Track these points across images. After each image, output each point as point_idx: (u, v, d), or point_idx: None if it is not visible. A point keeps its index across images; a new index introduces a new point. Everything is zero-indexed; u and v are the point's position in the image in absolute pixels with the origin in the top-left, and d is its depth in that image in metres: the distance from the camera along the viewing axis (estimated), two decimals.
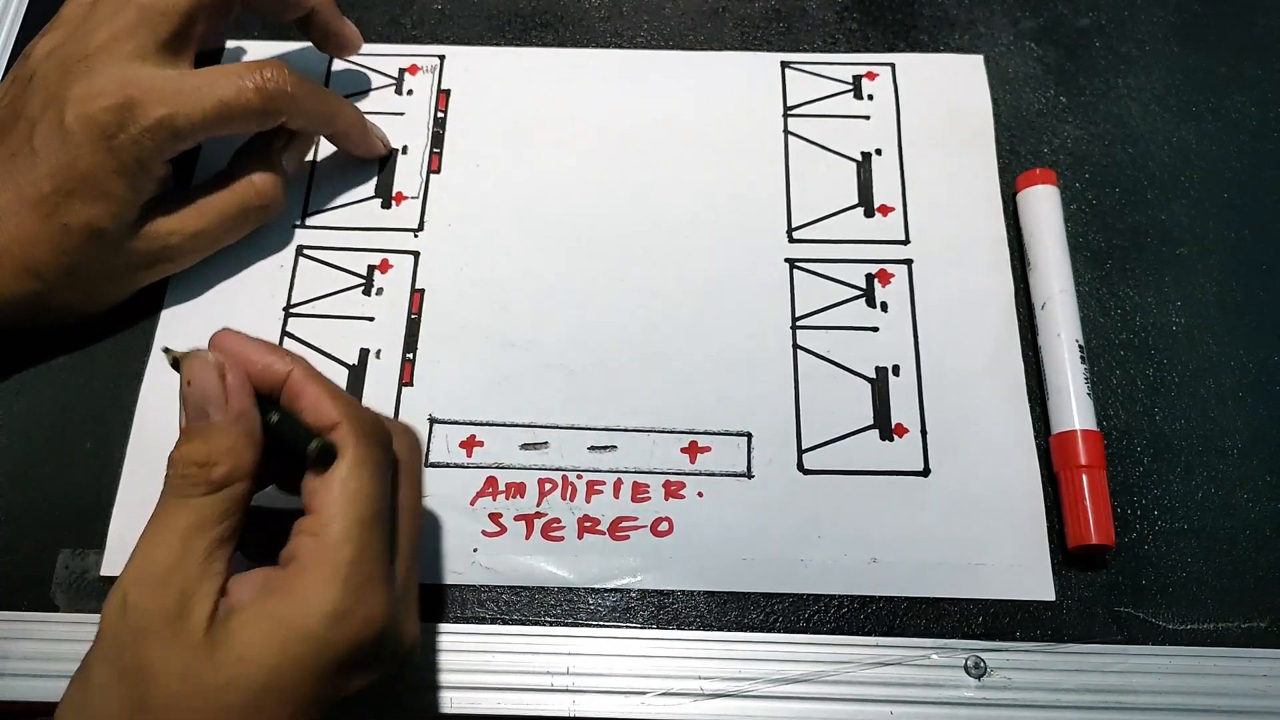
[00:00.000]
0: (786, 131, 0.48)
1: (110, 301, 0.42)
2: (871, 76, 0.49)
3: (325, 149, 0.47)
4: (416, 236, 0.45)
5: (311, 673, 0.29)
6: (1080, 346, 0.41)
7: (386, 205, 0.46)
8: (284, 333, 0.43)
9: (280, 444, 0.32)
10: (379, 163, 0.47)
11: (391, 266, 0.44)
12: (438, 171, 0.47)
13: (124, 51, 0.38)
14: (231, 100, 0.39)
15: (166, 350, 0.32)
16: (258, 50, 0.49)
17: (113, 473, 0.40)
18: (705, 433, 0.41)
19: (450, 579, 0.39)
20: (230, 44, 0.49)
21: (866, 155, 0.47)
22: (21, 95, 0.39)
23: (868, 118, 0.48)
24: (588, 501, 0.40)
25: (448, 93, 0.49)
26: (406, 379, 0.42)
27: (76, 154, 0.37)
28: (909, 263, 0.45)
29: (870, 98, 0.48)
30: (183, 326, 0.43)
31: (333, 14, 0.45)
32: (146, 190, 0.39)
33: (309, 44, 0.47)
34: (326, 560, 0.30)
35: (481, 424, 0.41)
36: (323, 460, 0.31)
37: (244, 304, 0.44)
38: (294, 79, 0.40)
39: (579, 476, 0.41)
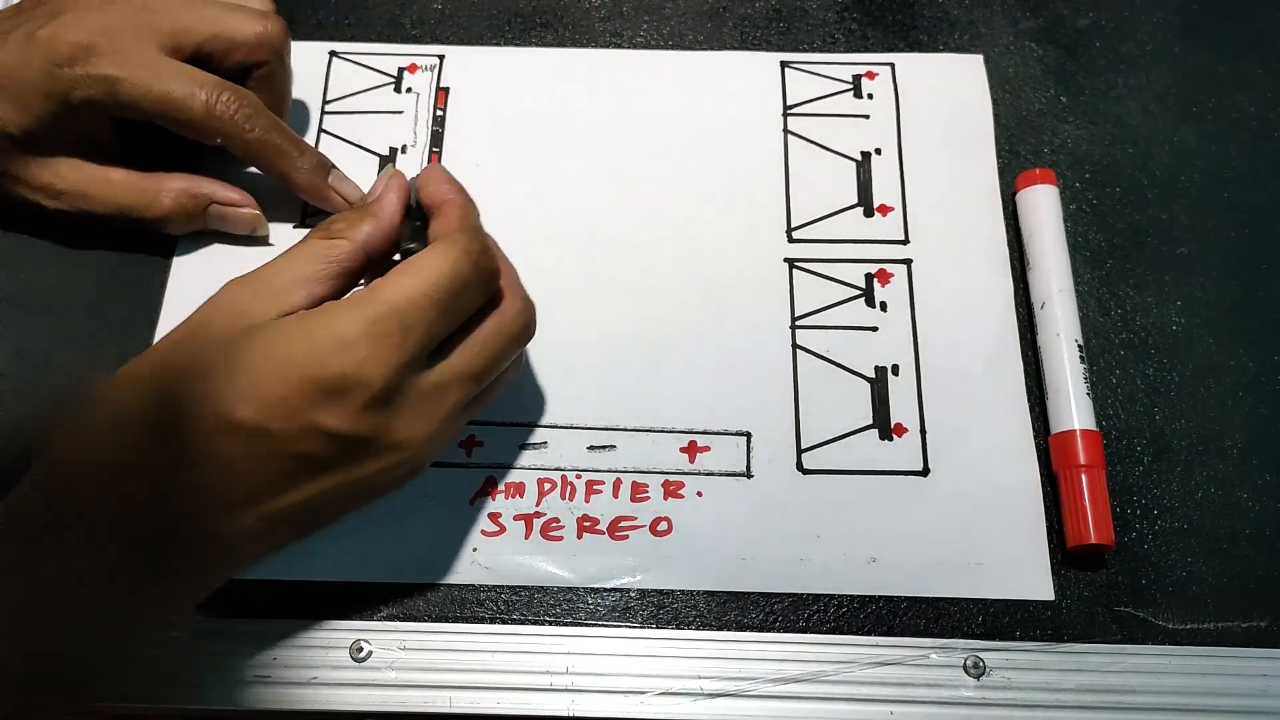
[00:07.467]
0: (786, 131, 0.48)
1: None
2: (871, 76, 0.49)
3: (323, 147, 0.47)
4: None
5: (298, 380, 0.31)
6: (1080, 346, 0.41)
7: None
8: None
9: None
10: (379, 162, 0.47)
11: None
12: None
13: (132, 24, 0.41)
14: (177, 100, 0.40)
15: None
16: None
17: None
18: (704, 432, 0.41)
19: (450, 579, 0.39)
20: None
21: (866, 155, 0.47)
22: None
23: (867, 117, 0.48)
24: (587, 501, 0.40)
25: (447, 91, 0.49)
26: None
27: (26, 60, 0.40)
28: (908, 262, 0.45)
29: (870, 97, 0.48)
30: None
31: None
32: (64, 128, 0.41)
33: (313, 43, 0.47)
34: (366, 300, 0.32)
35: (481, 424, 0.41)
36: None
37: None
38: (254, 115, 0.41)
39: (578, 476, 0.41)
